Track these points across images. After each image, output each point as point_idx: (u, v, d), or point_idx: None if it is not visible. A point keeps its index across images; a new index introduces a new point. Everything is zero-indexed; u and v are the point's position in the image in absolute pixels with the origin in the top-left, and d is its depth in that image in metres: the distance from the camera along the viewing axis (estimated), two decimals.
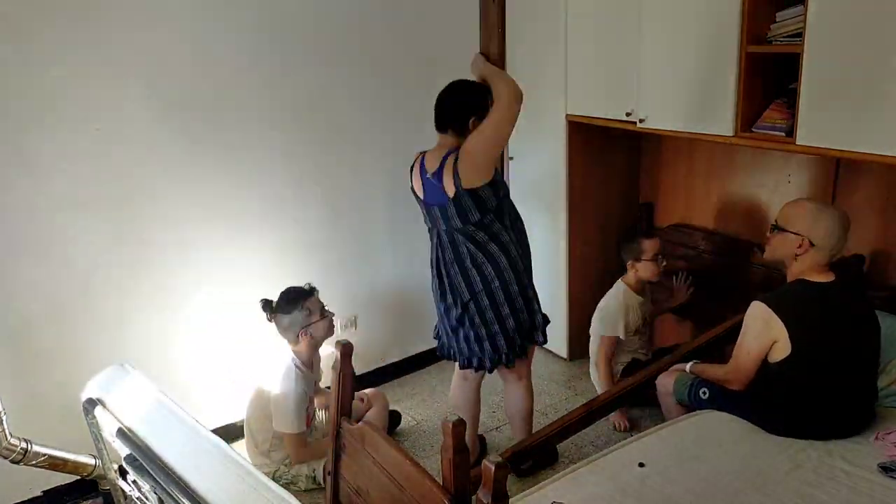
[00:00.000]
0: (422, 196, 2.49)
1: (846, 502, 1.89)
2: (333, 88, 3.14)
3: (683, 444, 2.18)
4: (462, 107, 2.39)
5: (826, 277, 2.21)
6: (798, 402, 2.19)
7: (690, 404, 2.44)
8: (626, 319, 3.15)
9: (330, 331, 2.80)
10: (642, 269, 3.18)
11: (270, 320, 2.74)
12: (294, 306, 2.70)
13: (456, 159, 2.32)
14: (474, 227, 2.38)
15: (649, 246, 3.16)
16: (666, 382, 2.56)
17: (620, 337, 3.16)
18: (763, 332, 2.19)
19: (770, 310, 2.17)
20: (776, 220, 2.29)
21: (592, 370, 3.30)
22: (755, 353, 2.23)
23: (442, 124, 2.44)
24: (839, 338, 2.17)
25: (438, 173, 2.37)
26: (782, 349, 2.16)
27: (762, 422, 2.25)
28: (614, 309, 3.17)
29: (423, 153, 2.50)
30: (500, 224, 2.43)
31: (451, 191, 2.34)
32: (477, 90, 2.42)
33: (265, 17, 2.89)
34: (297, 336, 2.71)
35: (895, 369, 2.40)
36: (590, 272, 3.55)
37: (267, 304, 2.75)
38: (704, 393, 2.38)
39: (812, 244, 2.17)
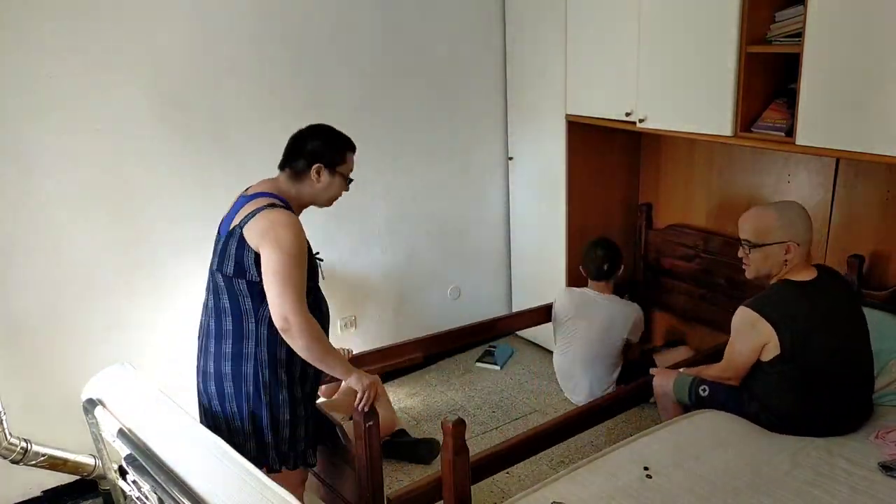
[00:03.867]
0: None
1: (846, 502, 1.89)
2: (334, 88, 3.14)
3: (683, 443, 2.17)
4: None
5: (809, 275, 2.23)
6: (795, 398, 2.20)
7: (690, 404, 2.44)
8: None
9: None
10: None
11: None
12: None
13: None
14: None
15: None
16: (663, 383, 2.56)
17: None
18: (751, 336, 2.21)
19: (756, 314, 2.18)
20: (747, 239, 2.26)
21: (609, 375, 3.27)
22: (746, 356, 2.27)
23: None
24: (828, 331, 2.18)
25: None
26: (772, 349, 2.18)
27: (761, 419, 2.25)
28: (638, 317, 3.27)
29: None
30: None
31: None
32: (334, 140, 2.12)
33: (266, 18, 2.89)
34: None
35: (895, 368, 2.40)
36: None
37: None
38: (704, 390, 2.39)
39: (798, 244, 2.19)
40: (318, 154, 2.06)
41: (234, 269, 1.93)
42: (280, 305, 1.86)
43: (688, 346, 3.36)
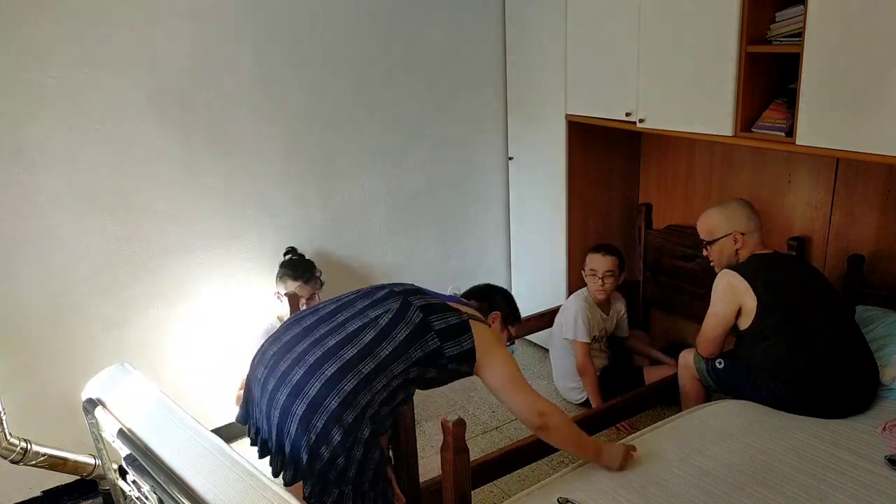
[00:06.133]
0: None
1: (852, 495, 1.89)
2: (333, 90, 3.14)
3: (687, 438, 2.18)
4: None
5: (768, 251, 2.51)
6: (789, 349, 2.31)
7: (709, 375, 2.56)
8: (586, 324, 3.15)
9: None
10: (588, 282, 3.24)
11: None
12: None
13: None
14: None
15: (592, 261, 3.20)
16: (687, 356, 2.69)
17: (583, 340, 3.14)
18: (728, 294, 2.42)
19: (731, 271, 2.42)
20: (703, 240, 2.60)
21: (565, 381, 3.30)
22: (721, 315, 2.46)
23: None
24: (797, 285, 2.41)
25: None
26: (751, 308, 2.37)
27: (773, 391, 2.32)
28: (570, 313, 3.19)
29: None
30: None
31: None
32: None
33: (265, 17, 2.89)
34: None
35: None
36: None
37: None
38: (720, 363, 2.52)
39: (742, 233, 2.49)
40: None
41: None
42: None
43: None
